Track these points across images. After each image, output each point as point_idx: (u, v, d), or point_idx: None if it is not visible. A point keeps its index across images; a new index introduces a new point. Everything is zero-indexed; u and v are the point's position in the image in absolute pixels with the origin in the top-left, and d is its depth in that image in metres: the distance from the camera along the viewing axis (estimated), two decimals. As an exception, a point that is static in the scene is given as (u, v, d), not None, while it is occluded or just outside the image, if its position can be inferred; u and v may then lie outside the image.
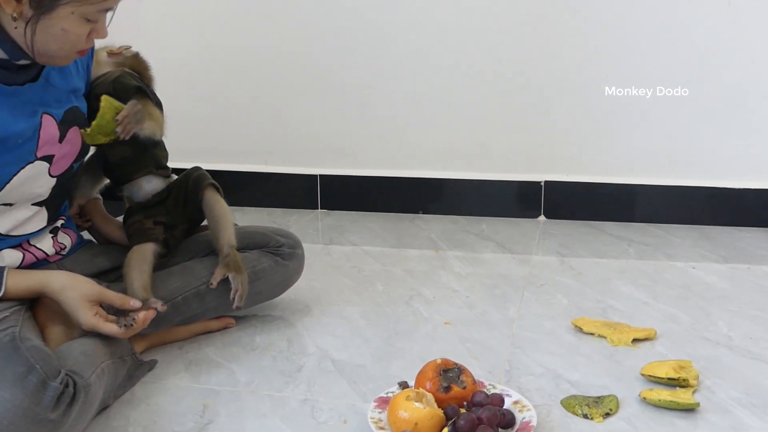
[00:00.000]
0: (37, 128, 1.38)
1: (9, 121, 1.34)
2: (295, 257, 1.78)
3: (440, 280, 2.03)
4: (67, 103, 1.47)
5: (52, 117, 1.42)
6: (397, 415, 1.22)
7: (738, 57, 2.38)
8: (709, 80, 2.41)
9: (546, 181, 2.60)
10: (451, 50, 2.58)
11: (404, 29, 2.60)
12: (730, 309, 1.80)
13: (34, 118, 1.38)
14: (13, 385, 1.15)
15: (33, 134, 1.38)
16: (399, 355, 1.59)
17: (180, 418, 1.35)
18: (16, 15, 1.26)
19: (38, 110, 1.39)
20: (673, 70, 2.42)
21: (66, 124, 1.45)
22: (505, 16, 2.51)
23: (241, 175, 2.82)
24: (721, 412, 1.34)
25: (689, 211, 2.50)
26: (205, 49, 2.77)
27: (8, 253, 1.45)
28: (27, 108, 1.38)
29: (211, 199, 1.66)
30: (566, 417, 1.33)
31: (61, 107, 1.45)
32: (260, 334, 1.71)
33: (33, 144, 1.38)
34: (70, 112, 1.47)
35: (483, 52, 2.56)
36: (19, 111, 1.36)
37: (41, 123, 1.39)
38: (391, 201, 2.74)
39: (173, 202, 1.67)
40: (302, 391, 1.44)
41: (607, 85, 2.48)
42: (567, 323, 1.72)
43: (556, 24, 2.48)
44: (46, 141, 1.41)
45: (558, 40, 2.50)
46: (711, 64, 2.40)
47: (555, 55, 2.51)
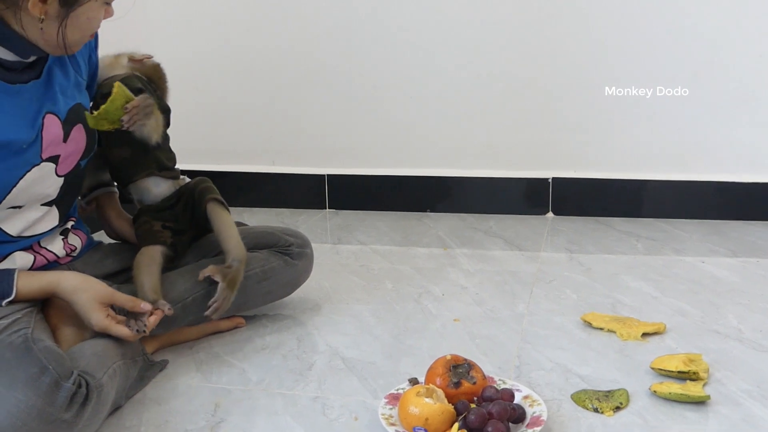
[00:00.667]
0: (39, 130, 1.39)
1: (13, 125, 1.34)
2: (304, 256, 1.78)
3: (449, 278, 2.04)
4: (71, 100, 1.47)
5: (55, 116, 1.42)
6: (408, 411, 1.22)
7: (746, 51, 2.37)
8: (716, 74, 2.40)
9: (554, 178, 2.60)
10: (458, 49, 2.59)
11: (411, 29, 2.61)
12: (740, 302, 1.80)
13: (37, 119, 1.38)
14: (27, 386, 1.16)
15: (36, 137, 1.38)
16: (409, 352, 1.60)
17: (192, 417, 1.36)
18: (42, 16, 1.28)
19: (42, 109, 1.40)
20: (680, 65, 2.42)
21: (70, 123, 1.45)
22: (511, 15, 2.52)
23: (248, 176, 2.83)
24: (731, 404, 1.34)
25: (698, 206, 2.50)
26: (211, 50, 2.78)
27: (19, 256, 1.46)
28: (32, 106, 1.38)
29: (213, 213, 1.65)
30: (577, 411, 1.33)
31: (65, 105, 1.45)
32: (270, 333, 1.72)
33: (37, 146, 1.39)
34: (74, 111, 1.47)
35: (489, 50, 2.56)
36: (24, 112, 1.36)
37: (43, 124, 1.39)
38: (399, 200, 2.74)
39: (182, 209, 1.68)
40: (313, 389, 1.45)
41: (612, 82, 2.48)
42: (576, 318, 1.72)
43: (562, 23, 2.48)
44: (50, 142, 1.41)
45: (564, 38, 2.50)
46: (719, 57, 2.39)
47: (561, 53, 2.51)
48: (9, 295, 1.35)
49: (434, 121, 2.67)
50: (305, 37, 2.70)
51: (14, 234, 1.43)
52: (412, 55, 2.63)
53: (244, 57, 2.77)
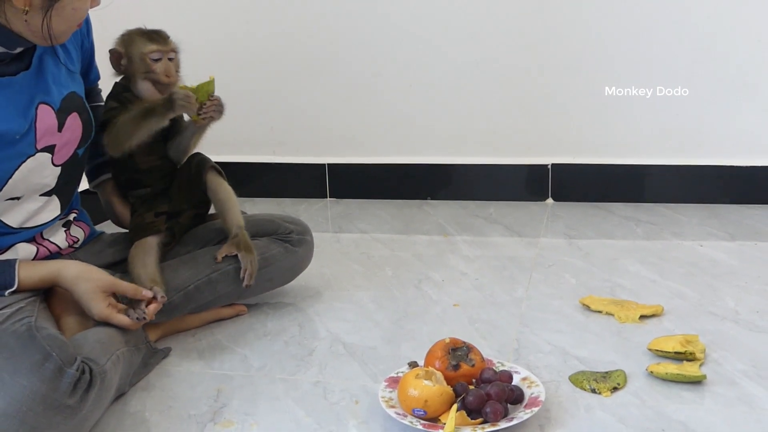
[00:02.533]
0: (32, 121, 1.38)
1: (5, 116, 1.34)
2: (304, 243, 1.80)
3: (449, 264, 2.05)
4: (65, 88, 1.47)
5: (49, 106, 1.42)
6: (407, 393, 1.24)
7: (745, 36, 2.38)
8: (716, 59, 2.41)
9: (553, 164, 2.61)
10: (457, 37, 2.59)
11: (411, 17, 2.61)
12: (737, 284, 1.81)
13: (29, 110, 1.38)
14: (31, 373, 1.17)
15: (30, 128, 1.38)
16: (409, 336, 1.61)
17: (195, 403, 1.38)
18: (27, 8, 1.28)
19: (34, 99, 1.39)
20: (679, 52, 2.42)
21: (64, 111, 1.45)
22: (510, 3, 2.52)
23: (249, 166, 2.84)
24: (727, 384, 1.35)
25: (697, 190, 2.51)
26: (211, 40, 2.79)
27: (22, 247, 1.47)
28: (23, 98, 1.38)
29: (213, 182, 1.69)
30: (574, 392, 1.35)
31: (59, 94, 1.45)
32: (272, 320, 1.73)
33: (31, 137, 1.38)
34: (68, 99, 1.47)
35: (489, 38, 2.57)
36: (15, 103, 1.36)
37: (36, 115, 1.39)
38: (400, 188, 2.76)
39: (176, 189, 1.69)
40: (314, 374, 1.47)
41: (612, 73, 2.49)
42: (575, 302, 1.74)
43: (561, 10, 2.49)
44: (44, 132, 1.40)
45: (563, 25, 2.50)
46: (717, 43, 2.40)
47: (561, 40, 2.51)
48: (11, 286, 1.37)
49: (434, 109, 2.68)
50: (306, 27, 2.71)
51: (15, 225, 1.43)
52: (413, 43, 2.63)
53: (243, 47, 2.77)
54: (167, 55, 1.64)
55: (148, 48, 1.61)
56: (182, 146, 1.71)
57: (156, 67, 1.62)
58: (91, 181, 1.74)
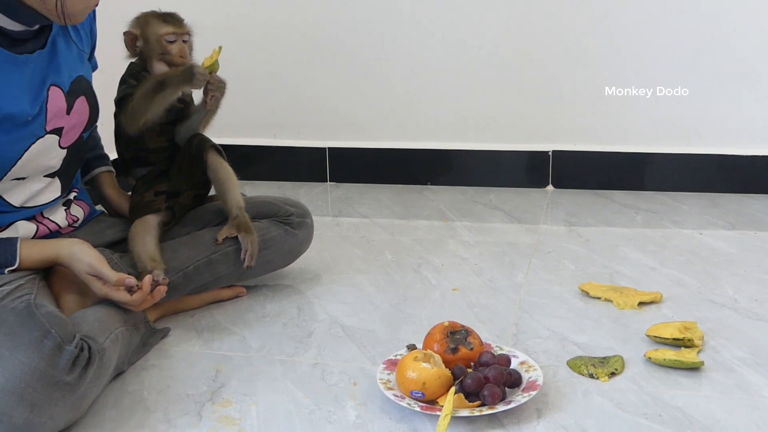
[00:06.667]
0: (44, 102, 1.40)
1: (20, 97, 1.35)
2: (304, 226, 1.80)
3: (448, 249, 2.05)
4: (74, 71, 1.48)
5: (59, 88, 1.43)
6: (406, 376, 1.24)
7: (747, 24, 2.37)
8: (718, 48, 2.40)
9: (554, 151, 2.61)
10: (459, 23, 2.58)
11: (414, 2, 2.60)
12: (736, 273, 1.81)
13: (41, 91, 1.39)
14: (30, 349, 1.17)
15: (41, 109, 1.39)
16: (408, 320, 1.62)
17: (193, 383, 1.38)
18: None
19: (46, 81, 1.40)
20: (682, 39, 2.41)
21: (73, 94, 1.46)
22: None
23: (250, 149, 2.84)
24: (725, 370, 1.35)
25: (697, 179, 2.50)
26: (212, 22, 2.77)
27: (22, 225, 1.47)
28: (36, 78, 1.39)
29: (214, 162, 1.69)
30: (572, 377, 1.35)
31: (69, 77, 1.46)
32: (271, 302, 1.73)
33: (42, 118, 1.40)
34: (77, 82, 1.48)
35: (490, 24, 2.56)
36: (30, 83, 1.37)
37: (48, 96, 1.40)
38: (400, 173, 2.75)
39: (177, 168, 1.69)
40: (312, 356, 1.47)
41: (612, 68, 2.48)
42: (574, 288, 1.74)
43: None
44: (54, 114, 1.42)
45: (565, 12, 2.49)
46: (720, 31, 2.39)
47: (562, 26, 2.50)
48: (12, 264, 1.37)
49: (435, 94, 2.67)
50: (307, 10, 2.70)
51: (17, 204, 1.44)
52: (414, 28, 2.63)
53: (244, 30, 2.76)
54: (182, 37, 1.65)
55: (164, 30, 1.63)
56: (191, 130, 1.72)
57: (171, 48, 1.64)
58: (83, 175, 1.74)
